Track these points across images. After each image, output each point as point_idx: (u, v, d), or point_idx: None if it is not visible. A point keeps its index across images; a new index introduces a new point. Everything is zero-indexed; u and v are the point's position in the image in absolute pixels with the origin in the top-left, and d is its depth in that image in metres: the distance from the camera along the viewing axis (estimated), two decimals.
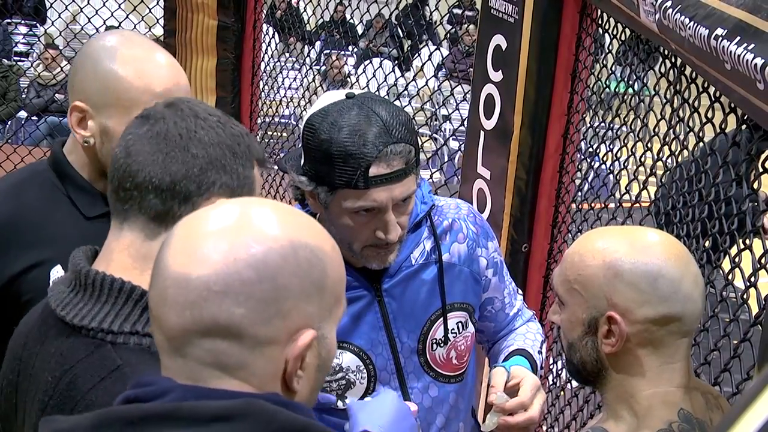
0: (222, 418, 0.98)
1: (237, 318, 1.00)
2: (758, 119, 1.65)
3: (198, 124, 1.33)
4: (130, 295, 1.27)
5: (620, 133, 2.59)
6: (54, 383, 1.26)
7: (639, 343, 1.40)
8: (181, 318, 1.00)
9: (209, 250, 1.01)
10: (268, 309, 1.00)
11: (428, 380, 1.95)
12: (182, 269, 1.01)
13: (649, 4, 1.97)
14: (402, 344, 1.92)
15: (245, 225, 1.03)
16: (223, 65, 4.53)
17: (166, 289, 1.02)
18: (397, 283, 1.90)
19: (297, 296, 1.02)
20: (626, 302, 1.39)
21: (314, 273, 1.04)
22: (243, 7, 4.52)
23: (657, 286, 1.38)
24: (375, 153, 1.70)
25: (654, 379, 1.41)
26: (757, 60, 1.52)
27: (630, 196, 2.48)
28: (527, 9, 2.71)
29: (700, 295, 1.41)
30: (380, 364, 1.91)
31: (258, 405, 0.99)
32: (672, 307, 1.38)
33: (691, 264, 1.41)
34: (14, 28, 9.68)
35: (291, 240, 1.03)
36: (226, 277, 1.00)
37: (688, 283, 1.39)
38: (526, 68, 2.74)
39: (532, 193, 2.84)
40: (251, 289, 1.00)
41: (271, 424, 0.98)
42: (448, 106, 6.94)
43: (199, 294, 1.00)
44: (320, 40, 8.14)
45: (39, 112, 7.87)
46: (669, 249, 1.41)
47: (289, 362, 1.02)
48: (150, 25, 5.70)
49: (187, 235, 1.04)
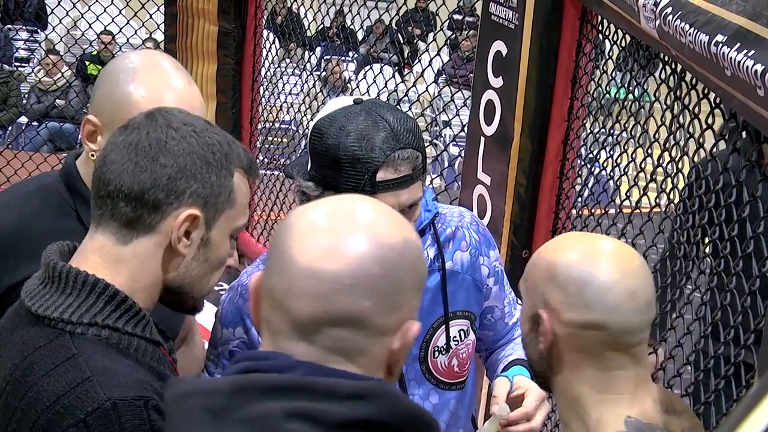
0: (356, 396, 1.07)
1: (364, 309, 1.09)
2: (759, 125, 1.65)
3: (169, 134, 1.36)
4: (93, 288, 1.33)
5: (620, 139, 2.59)
6: (12, 369, 1.32)
7: (570, 347, 1.42)
8: (313, 308, 1.09)
9: (340, 246, 1.09)
10: (389, 301, 1.10)
11: (429, 387, 1.95)
12: (313, 263, 1.09)
13: (649, 10, 1.97)
14: None
15: (366, 223, 1.12)
16: (223, 71, 4.53)
17: (296, 280, 1.10)
18: None
19: (409, 290, 1.12)
20: (556, 303, 1.41)
21: (420, 268, 1.15)
22: (243, 13, 4.52)
23: (584, 292, 1.39)
24: (382, 158, 1.70)
25: (597, 388, 1.41)
26: (757, 66, 1.52)
27: (630, 202, 2.48)
28: (527, 15, 2.71)
29: (633, 310, 1.39)
30: None
31: (387, 387, 1.10)
32: (593, 315, 1.38)
33: (632, 278, 1.40)
34: (15, 33, 9.69)
35: (404, 237, 1.13)
36: (355, 271, 1.08)
37: (617, 295, 1.38)
38: (526, 74, 2.74)
39: (533, 199, 2.83)
40: (377, 284, 1.09)
41: (397, 407, 1.09)
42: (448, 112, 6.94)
43: (332, 287, 1.08)
44: (321, 45, 8.14)
45: (39, 118, 7.88)
46: (611, 259, 1.41)
47: (395, 351, 1.12)
48: (151, 31, 5.70)
49: (311, 229, 1.12)
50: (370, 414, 1.06)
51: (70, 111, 8.14)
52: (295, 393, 1.07)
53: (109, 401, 1.25)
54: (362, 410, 1.06)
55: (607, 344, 1.39)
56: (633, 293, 1.39)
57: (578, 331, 1.40)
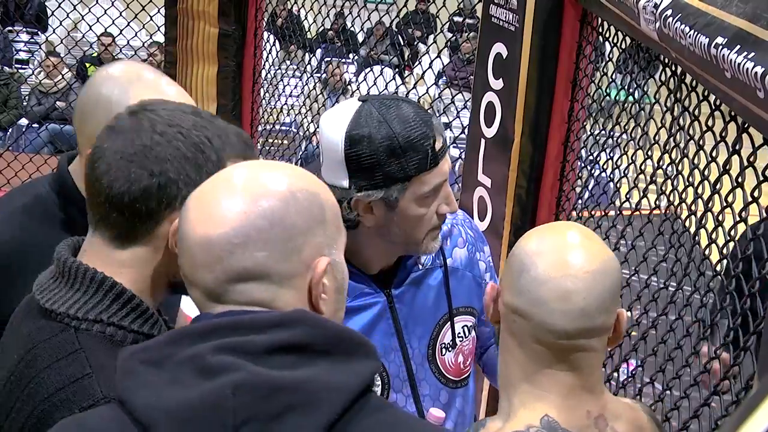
0: (278, 324, 1.13)
1: (261, 260, 1.15)
2: (759, 128, 1.65)
3: (155, 140, 1.34)
4: (101, 285, 1.34)
5: (621, 141, 2.59)
6: (17, 360, 1.34)
7: (506, 328, 1.44)
8: (213, 272, 1.16)
9: (224, 211, 1.16)
10: (285, 247, 1.16)
11: (439, 387, 1.96)
12: (203, 232, 1.16)
13: (649, 12, 1.97)
14: (413, 350, 1.92)
15: (248, 183, 1.18)
16: (224, 73, 4.53)
17: (194, 252, 1.17)
18: (407, 288, 1.90)
19: (305, 232, 1.18)
20: (503, 282, 1.45)
21: (314, 209, 1.19)
22: (244, 15, 4.53)
23: (520, 277, 1.40)
24: (432, 129, 1.75)
25: (527, 378, 1.41)
26: (757, 68, 1.52)
27: (630, 204, 2.48)
28: (528, 17, 2.71)
29: (561, 312, 1.37)
30: (393, 370, 1.91)
31: (309, 314, 1.16)
32: (522, 303, 1.39)
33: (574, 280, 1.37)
34: (16, 35, 9.70)
35: (288, 186, 1.18)
36: (242, 229, 1.15)
37: (549, 291, 1.37)
38: (526, 76, 2.74)
39: (533, 201, 2.84)
40: (267, 235, 1.15)
41: (320, 328, 1.15)
42: (448, 114, 6.94)
43: (225, 248, 1.15)
44: (321, 47, 8.15)
45: (40, 120, 7.87)
46: (564, 255, 1.39)
47: (312, 288, 1.18)
48: (151, 33, 5.70)
49: (200, 201, 1.19)
50: (292, 337, 1.13)
51: (71, 113, 8.11)
52: (221, 332, 1.13)
53: (105, 399, 1.26)
54: (285, 335, 1.13)
55: (532, 337, 1.40)
56: (566, 294, 1.37)
57: (510, 314, 1.42)
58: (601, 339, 1.43)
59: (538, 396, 1.41)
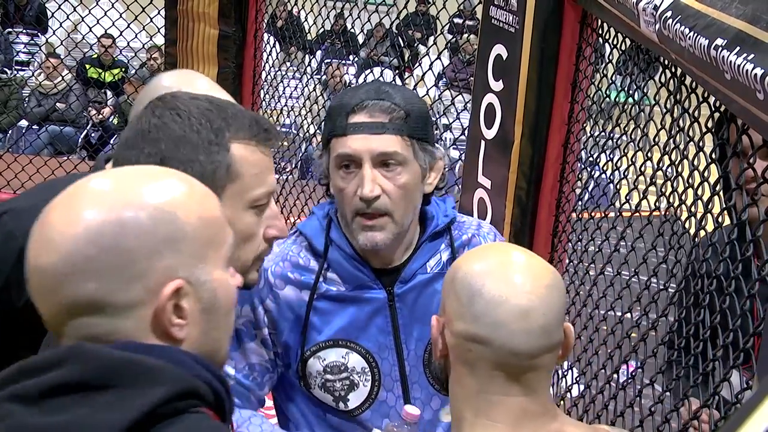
0: (56, 364, 1.04)
1: (91, 292, 1.05)
2: (758, 129, 1.65)
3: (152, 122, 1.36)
4: None
5: (620, 142, 2.59)
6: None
7: (457, 358, 1.37)
8: (48, 305, 1.07)
9: (55, 235, 1.06)
10: (121, 275, 1.05)
11: (432, 392, 1.95)
12: (36, 260, 1.07)
13: (649, 14, 1.97)
14: (409, 351, 1.92)
15: (84, 202, 1.08)
16: (224, 74, 4.53)
17: (32, 282, 1.08)
18: (410, 289, 1.90)
19: (148, 256, 1.06)
20: (450, 311, 1.37)
21: (161, 230, 1.07)
22: (244, 17, 4.53)
23: (474, 302, 1.33)
24: (357, 102, 1.78)
25: (474, 410, 1.36)
26: (756, 70, 1.52)
27: (630, 205, 2.48)
28: (528, 19, 2.71)
29: (523, 331, 1.32)
30: (386, 368, 1.91)
31: (83, 348, 1.05)
32: (480, 329, 1.33)
33: (529, 297, 1.33)
34: (16, 37, 9.69)
35: (126, 205, 1.07)
36: (70, 257, 1.05)
37: (507, 312, 1.32)
38: (526, 78, 2.75)
39: (533, 203, 2.84)
40: (97, 264, 1.05)
41: (100, 362, 1.04)
42: (448, 115, 6.95)
43: (54, 279, 1.05)
44: (321, 48, 8.15)
45: (40, 122, 7.87)
46: (512, 274, 1.35)
47: (159, 315, 1.07)
48: (151, 35, 5.71)
49: (39, 222, 1.09)
50: (62, 377, 1.03)
51: (71, 114, 8.14)
52: (15, 377, 1.06)
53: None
54: (56, 376, 1.03)
55: (492, 363, 1.33)
56: (525, 313, 1.32)
57: (465, 343, 1.35)
58: (554, 355, 1.38)
59: (486, 426, 1.35)
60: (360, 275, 1.88)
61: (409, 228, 1.88)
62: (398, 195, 1.80)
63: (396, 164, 1.79)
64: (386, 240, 1.82)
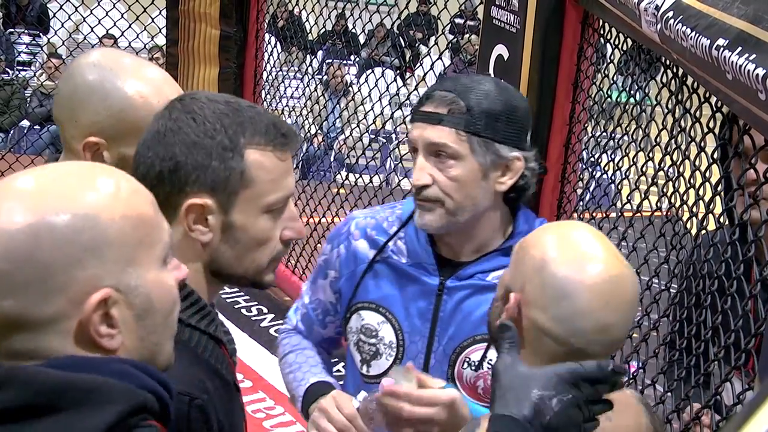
0: None
1: (8, 309, 0.99)
2: (760, 129, 1.65)
3: (168, 126, 1.36)
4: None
5: (622, 142, 2.59)
6: None
7: (525, 339, 1.39)
8: None
9: None
10: (39, 289, 0.99)
11: None
12: None
13: (650, 14, 1.97)
14: (439, 345, 1.89)
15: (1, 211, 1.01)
16: (225, 74, 4.54)
17: None
18: (463, 287, 1.88)
19: (67, 267, 1.00)
20: (531, 295, 1.38)
21: (81, 238, 1.01)
22: (245, 17, 4.53)
23: (560, 305, 1.35)
24: (431, 92, 1.84)
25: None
26: (758, 70, 1.52)
27: (631, 205, 2.48)
28: (529, 19, 2.71)
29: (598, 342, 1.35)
30: (411, 352, 1.90)
31: (19, 370, 0.99)
32: (561, 332, 1.35)
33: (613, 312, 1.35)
34: (17, 37, 9.71)
35: (42, 216, 1.00)
36: None
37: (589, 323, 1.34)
38: (528, 78, 2.74)
39: (534, 203, 2.83)
40: (11, 279, 0.99)
41: (40, 383, 0.99)
42: None
43: None
44: (322, 49, 8.15)
45: (41, 122, 7.88)
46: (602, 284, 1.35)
47: (85, 327, 1.01)
48: (153, 35, 5.71)
49: None
50: (3, 403, 0.98)
51: None
52: None
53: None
54: None
55: (560, 356, 1.35)
56: (605, 328, 1.36)
57: (538, 332, 1.37)
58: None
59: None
60: (423, 255, 1.90)
61: (478, 226, 1.87)
62: (450, 186, 1.81)
63: (447, 157, 1.80)
64: (434, 222, 1.83)
